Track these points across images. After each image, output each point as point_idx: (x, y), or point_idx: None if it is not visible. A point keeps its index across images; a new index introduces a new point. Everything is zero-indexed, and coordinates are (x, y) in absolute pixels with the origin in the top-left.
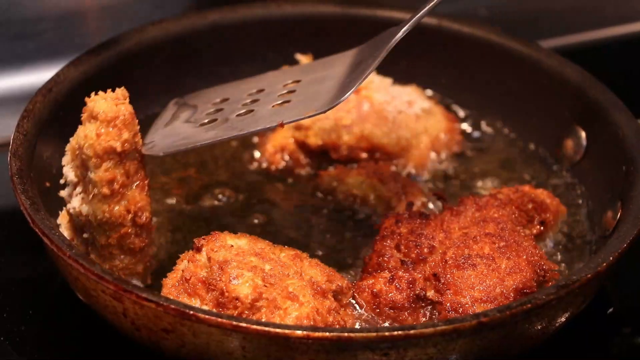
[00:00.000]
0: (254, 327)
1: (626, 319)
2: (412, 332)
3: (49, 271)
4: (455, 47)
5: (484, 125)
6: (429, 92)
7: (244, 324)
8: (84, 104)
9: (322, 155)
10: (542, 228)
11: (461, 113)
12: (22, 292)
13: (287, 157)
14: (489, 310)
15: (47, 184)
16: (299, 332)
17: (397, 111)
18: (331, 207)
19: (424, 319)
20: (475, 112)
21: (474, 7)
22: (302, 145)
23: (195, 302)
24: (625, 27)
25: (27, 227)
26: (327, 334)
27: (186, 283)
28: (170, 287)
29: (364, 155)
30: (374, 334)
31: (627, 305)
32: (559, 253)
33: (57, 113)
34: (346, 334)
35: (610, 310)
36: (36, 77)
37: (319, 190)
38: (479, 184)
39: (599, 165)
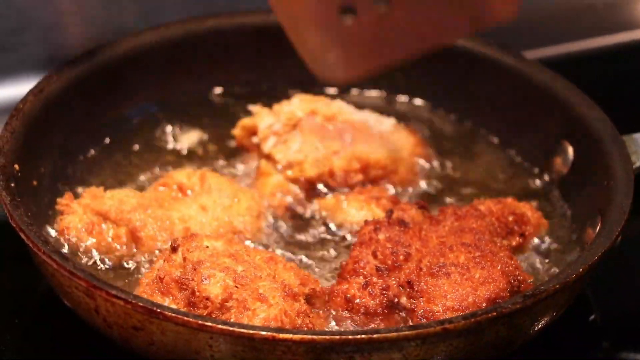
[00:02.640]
0: (219, 326)
1: (607, 329)
2: (375, 336)
3: (33, 280)
4: (449, 59)
5: (474, 136)
6: (421, 102)
7: (209, 323)
8: (76, 104)
9: (318, 188)
10: (521, 240)
11: (452, 124)
12: (6, 301)
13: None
14: (454, 317)
15: (34, 183)
16: (263, 333)
17: (377, 128)
18: (330, 234)
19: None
20: (466, 123)
21: None
22: (296, 182)
23: (168, 302)
24: (603, 39)
25: (12, 236)
26: (291, 335)
27: (160, 282)
28: (145, 285)
29: (360, 177)
30: (338, 337)
31: (608, 315)
32: (541, 265)
33: (48, 113)
34: (309, 337)
35: (592, 317)
36: (19, 89)
37: (317, 218)
38: (466, 194)
39: (584, 179)
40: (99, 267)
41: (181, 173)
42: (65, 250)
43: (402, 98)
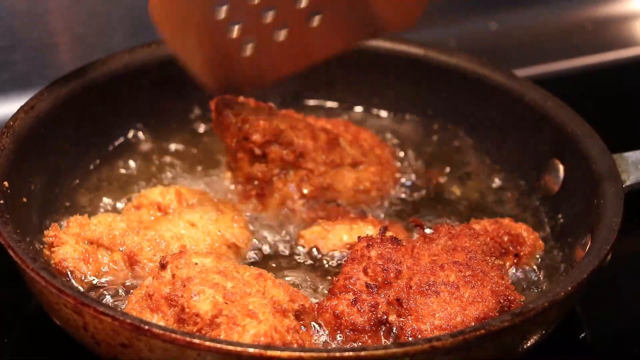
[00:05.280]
0: (207, 343)
1: (597, 347)
2: (362, 353)
3: (22, 297)
4: (439, 77)
5: (465, 154)
6: (411, 119)
7: (197, 341)
8: (67, 122)
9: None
10: (515, 261)
11: (443, 142)
12: None
13: None
14: (442, 335)
15: (24, 200)
16: (251, 350)
17: None
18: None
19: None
20: (458, 142)
21: (445, 38)
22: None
23: (157, 318)
24: (593, 58)
25: (1, 253)
26: (279, 352)
27: (149, 299)
28: (134, 302)
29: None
30: (325, 354)
31: (598, 333)
32: (533, 284)
33: (39, 130)
34: (297, 354)
35: (582, 335)
36: (8, 108)
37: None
38: (459, 213)
39: (575, 197)
40: (104, 299)
41: (154, 192)
42: None
43: (392, 115)
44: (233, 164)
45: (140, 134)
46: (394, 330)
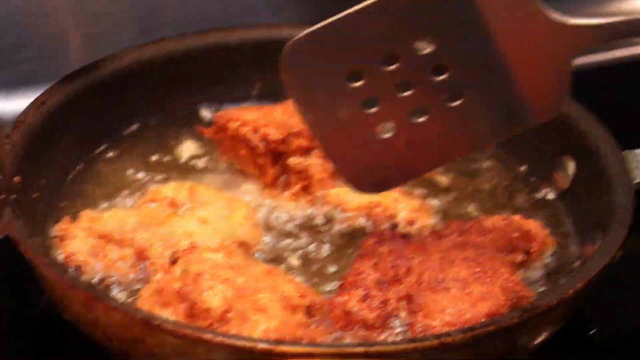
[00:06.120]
0: (218, 339)
1: (605, 345)
2: (372, 349)
3: (31, 297)
4: None
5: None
6: None
7: (208, 336)
8: (78, 117)
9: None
10: (525, 257)
11: None
12: (3, 320)
13: None
14: (452, 331)
15: (35, 195)
16: (262, 345)
17: None
18: (341, 224)
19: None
20: None
21: None
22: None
23: (168, 314)
24: (604, 54)
25: (9, 254)
26: (289, 347)
27: (160, 294)
28: (145, 298)
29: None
30: (335, 349)
31: (607, 331)
32: (545, 281)
33: (50, 126)
34: (307, 349)
35: (592, 332)
36: (18, 104)
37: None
38: (467, 209)
39: (585, 194)
40: (113, 293)
41: (167, 187)
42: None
43: None
44: (255, 171)
45: (149, 130)
46: (404, 327)
